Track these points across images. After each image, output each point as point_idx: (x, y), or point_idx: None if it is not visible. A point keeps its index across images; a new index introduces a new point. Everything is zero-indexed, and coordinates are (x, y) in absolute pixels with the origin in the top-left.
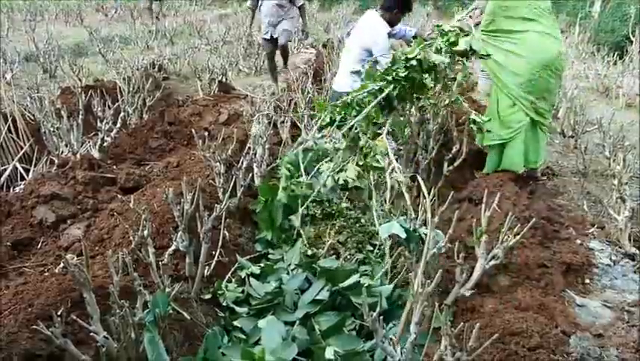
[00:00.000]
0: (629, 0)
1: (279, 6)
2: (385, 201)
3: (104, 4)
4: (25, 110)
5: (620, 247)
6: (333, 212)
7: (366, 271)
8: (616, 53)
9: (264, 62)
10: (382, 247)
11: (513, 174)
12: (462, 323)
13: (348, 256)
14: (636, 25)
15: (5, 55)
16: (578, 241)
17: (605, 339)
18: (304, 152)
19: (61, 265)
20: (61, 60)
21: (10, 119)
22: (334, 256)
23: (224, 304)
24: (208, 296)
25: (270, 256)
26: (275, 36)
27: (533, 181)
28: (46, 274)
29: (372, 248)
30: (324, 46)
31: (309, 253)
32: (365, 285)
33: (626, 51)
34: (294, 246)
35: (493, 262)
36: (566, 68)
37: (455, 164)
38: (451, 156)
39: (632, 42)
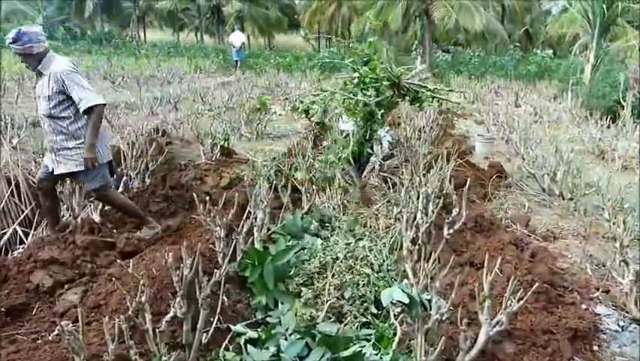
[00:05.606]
0: (617, 67)
1: (51, 118)
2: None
3: (111, 72)
4: (29, 174)
5: (627, 312)
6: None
7: (369, 335)
8: (608, 117)
9: (265, 127)
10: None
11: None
12: None
13: (351, 323)
14: (626, 91)
15: (13, 120)
16: (584, 306)
17: None
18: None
19: (56, 331)
20: None
21: (13, 183)
22: (333, 319)
23: None
24: None
25: (268, 319)
26: (58, 172)
27: None
28: (39, 341)
29: (376, 311)
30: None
31: (308, 315)
32: (366, 355)
33: (618, 115)
34: (291, 308)
35: (497, 329)
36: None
37: (455, 227)
38: (451, 219)
39: (623, 107)
